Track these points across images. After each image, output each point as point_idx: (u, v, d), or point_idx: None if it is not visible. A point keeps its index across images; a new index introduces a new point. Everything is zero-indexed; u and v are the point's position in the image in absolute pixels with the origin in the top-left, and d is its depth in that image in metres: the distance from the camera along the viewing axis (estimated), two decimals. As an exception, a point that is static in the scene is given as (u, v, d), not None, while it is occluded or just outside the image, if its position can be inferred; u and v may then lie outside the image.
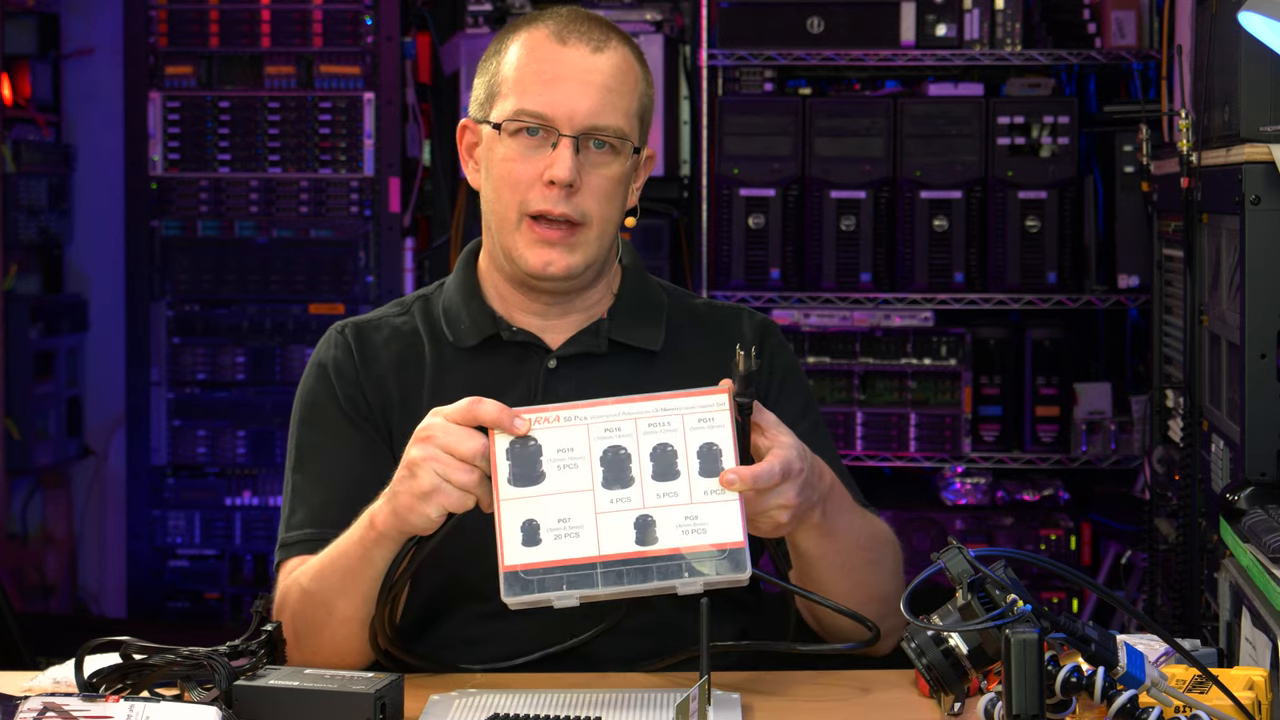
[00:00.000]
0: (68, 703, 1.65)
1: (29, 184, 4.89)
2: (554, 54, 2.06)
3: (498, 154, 2.08)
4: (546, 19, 2.10)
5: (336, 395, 2.12)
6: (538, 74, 2.06)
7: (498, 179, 2.08)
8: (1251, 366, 2.58)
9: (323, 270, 4.87)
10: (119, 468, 5.06)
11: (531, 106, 2.05)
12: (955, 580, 1.61)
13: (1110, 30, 4.58)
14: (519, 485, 1.80)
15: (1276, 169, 2.56)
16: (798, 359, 2.27)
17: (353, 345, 2.15)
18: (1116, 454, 4.56)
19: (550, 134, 2.05)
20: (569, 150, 2.04)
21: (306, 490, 2.10)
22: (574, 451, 1.82)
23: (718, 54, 4.66)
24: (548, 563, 1.76)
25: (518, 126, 2.05)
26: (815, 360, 4.63)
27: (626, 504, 1.79)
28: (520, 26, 2.11)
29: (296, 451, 2.14)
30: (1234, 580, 2.42)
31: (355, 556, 1.92)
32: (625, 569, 1.76)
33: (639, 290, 2.18)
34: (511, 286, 2.13)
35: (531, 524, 1.78)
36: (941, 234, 4.57)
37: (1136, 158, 4.07)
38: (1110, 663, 1.58)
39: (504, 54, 2.10)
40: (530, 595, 1.75)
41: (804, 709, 1.88)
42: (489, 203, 2.11)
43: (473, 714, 1.79)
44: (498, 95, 2.09)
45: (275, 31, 4.87)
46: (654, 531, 1.77)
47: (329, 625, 1.95)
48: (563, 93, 2.04)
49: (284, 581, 2.05)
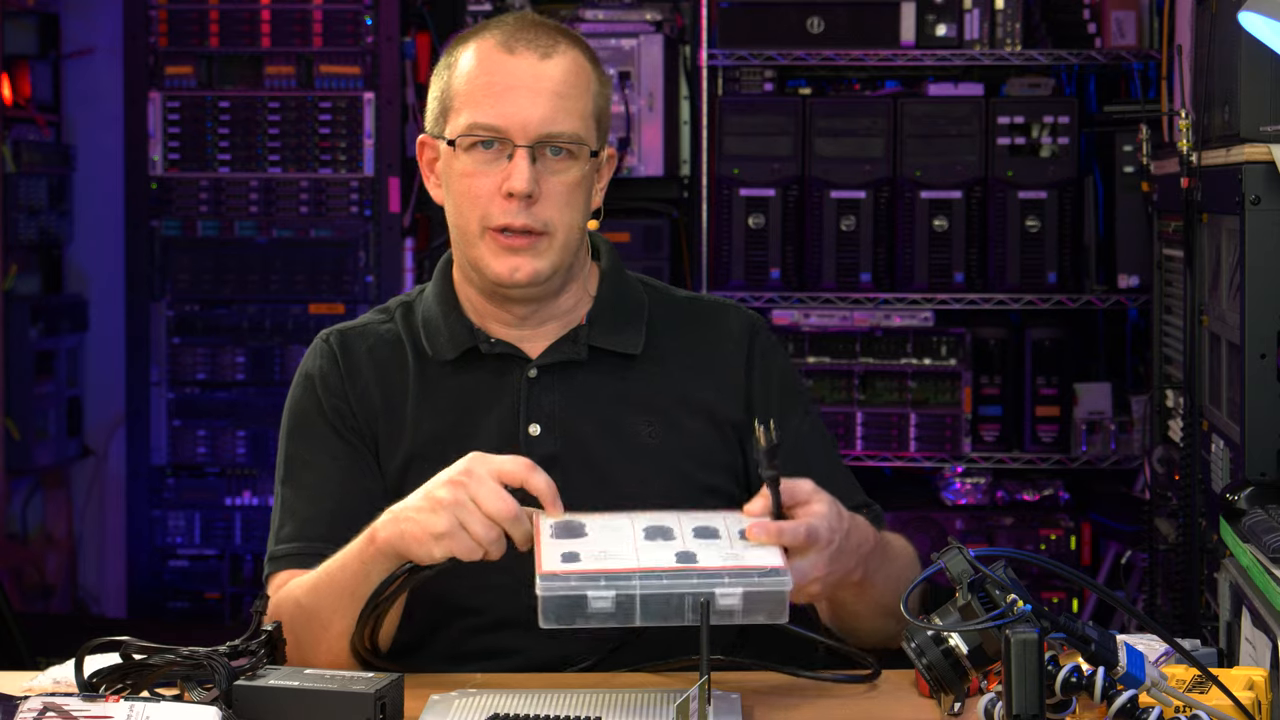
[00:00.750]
0: (68, 703, 1.64)
1: (29, 184, 4.89)
2: (502, 64, 2.05)
3: (455, 169, 2.07)
4: (494, 28, 2.09)
5: (323, 407, 2.13)
6: (488, 86, 2.05)
7: (458, 194, 2.08)
8: (1251, 366, 2.58)
9: (323, 270, 4.87)
10: (119, 468, 5.06)
11: (484, 119, 2.04)
12: (955, 580, 1.61)
13: (1110, 30, 4.58)
14: (560, 538, 1.80)
15: (1276, 169, 2.56)
16: (789, 356, 2.26)
17: (338, 354, 2.15)
18: (1116, 454, 4.56)
19: (505, 145, 2.04)
20: (525, 161, 2.03)
21: (294, 503, 2.11)
22: (616, 522, 1.83)
23: (718, 54, 4.66)
24: (585, 570, 1.75)
25: (472, 141, 2.05)
26: (815, 360, 4.63)
27: (668, 543, 1.79)
28: (468, 38, 2.11)
29: (285, 464, 2.15)
30: (1234, 580, 2.42)
31: (353, 572, 1.92)
32: (664, 576, 1.74)
33: (618, 292, 2.17)
34: (484, 298, 2.13)
35: (571, 554, 1.78)
36: (941, 234, 4.57)
37: (1136, 158, 4.07)
38: (1110, 663, 1.58)
39: (454, 67, 2.09)
40: (566, 591, 1.72)
41: (804, 709, 1.88)
42: (452, 218, 2.11)
43: (473, 714, 1.79)
44: (450, 110, 2.08)
45: (275, 31, 4.87)
46: (695, 557, 1.77)
47: (325, 640, 1.95)
48: (513, 103, 2.04)
49: (275, 595, 2.04)
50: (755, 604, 1.75)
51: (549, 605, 1.73)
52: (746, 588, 1.73)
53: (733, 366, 2.17)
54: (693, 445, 2.13)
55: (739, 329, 2.20)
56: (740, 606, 1.74)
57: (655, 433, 2.12)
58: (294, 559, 2.07)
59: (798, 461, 2.09)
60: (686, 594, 1.72)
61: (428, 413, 2.11)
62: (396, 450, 2.11)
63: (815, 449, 2.19)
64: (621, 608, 1.73)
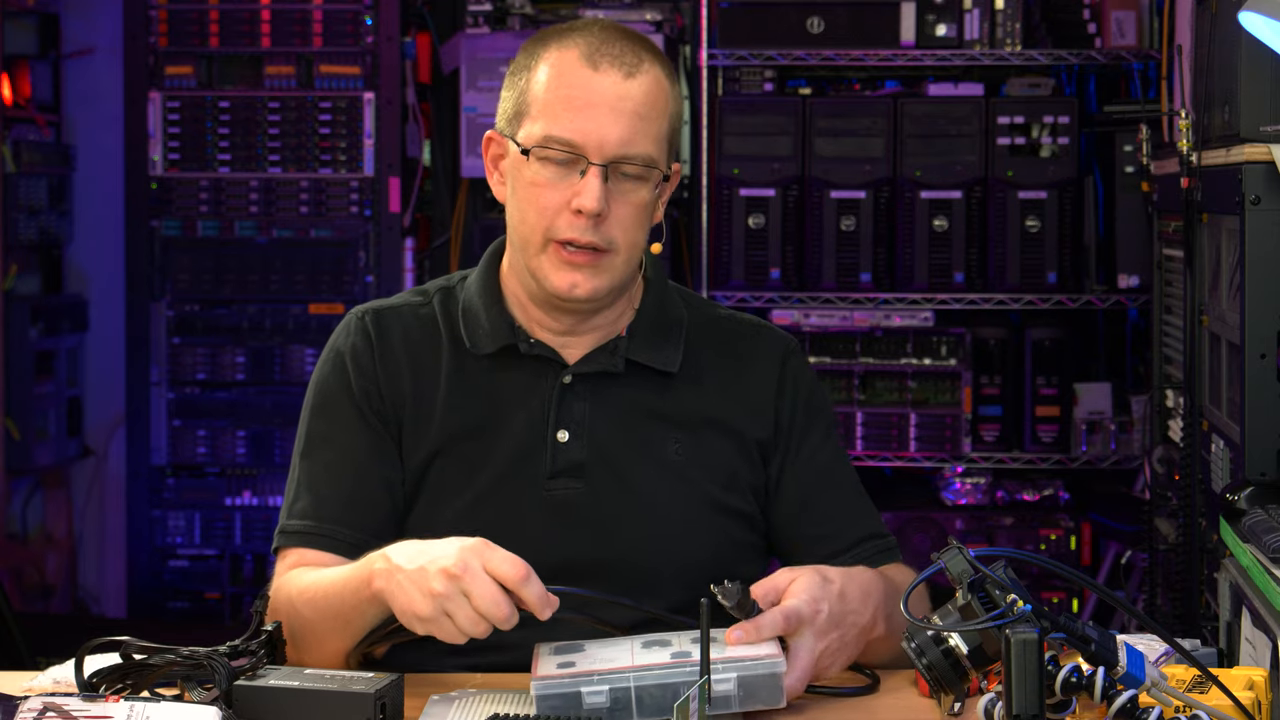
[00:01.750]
0: (68, 703, 1.64)
1: (29, 184, 4.89)
2: (585, 79, 2.02)
3: (525, 176, 2.04)
4: (578, 37, 2.06)
5: (351, 386, 2.11)
6: (568, 100, 2.02)
7: (524, 201, 2.05)
8: (1251, 366, 2.58)
9: (323, 270, 4.87)
10: (119, 468, 5.06)
11: (561, 134, 2.02)
12: (955, 580, 1.61)
13: (1110, 30, 4.58)
14: (558, 655, 1.81)
15: (1276, 169, 2.56)
16: (818, 378, 2.26)
17: (372, 333, 2.13)
18: (1116, 454, 4.56)
19: (579, 162, 2.01)
20: (598, 180, 2.01)
21: (311, 478, 2.09)
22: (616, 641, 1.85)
23: (718, 54, 4.66)
24: (580, 671, 1.76)
25: (546, 153, 2.02)
26: (815, 360, 4.63)
27: (665, 648, 1.80)
28: (551, 42, 2.07)
29: (306, 439, 2.12)
30: (1234, 580, 2.42)
31: (349, 604, 1.91)
32: (658, 669, 1.75)
33: (660, 306, 2.16)
34: (533, 302, 2.11)
35: (568, 662, 1.79)
36: (941, 234, 4.57)
37: (1136, 158, 4.07)
38: (1110, 663, 1.58)
39: (534, 71, 2.06)
40: (560, 689, 1.73)
41: (804, 709, 1.88)
42: (515, 222, 2.08)
43: (473, 714, 1.79)
44: (526, 115, 2.05)
45: (275, 31, 4.87)
46: (690, 655, 1.77)
47: (321, 652, 1.96)
48: (593, 120, 2.01)
49: (280, 575, 2.04)
50: (751, 689, 1.75)
51: (543, 703, 1.74)
52: (741, 673, 1.74)
53: (764, 388, 2.17)
54: (718, 466, 2.13)
55: (773, 351, 2.20)
56: (736, 692, 1.75)
57: (682, 450, 2.12)
58: (306, 537, 2.05)
59: (819, 485, 2.14)
60: (681, 684, 1.72)
61: (457, 405, 2.10)
62: (421, 441, 2.09)
63: (838, 475, 2.20)
64: (618, 703, 1.73)
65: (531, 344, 2.10)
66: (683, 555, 2.07)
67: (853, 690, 1.92)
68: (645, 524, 2.07)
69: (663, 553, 2.07)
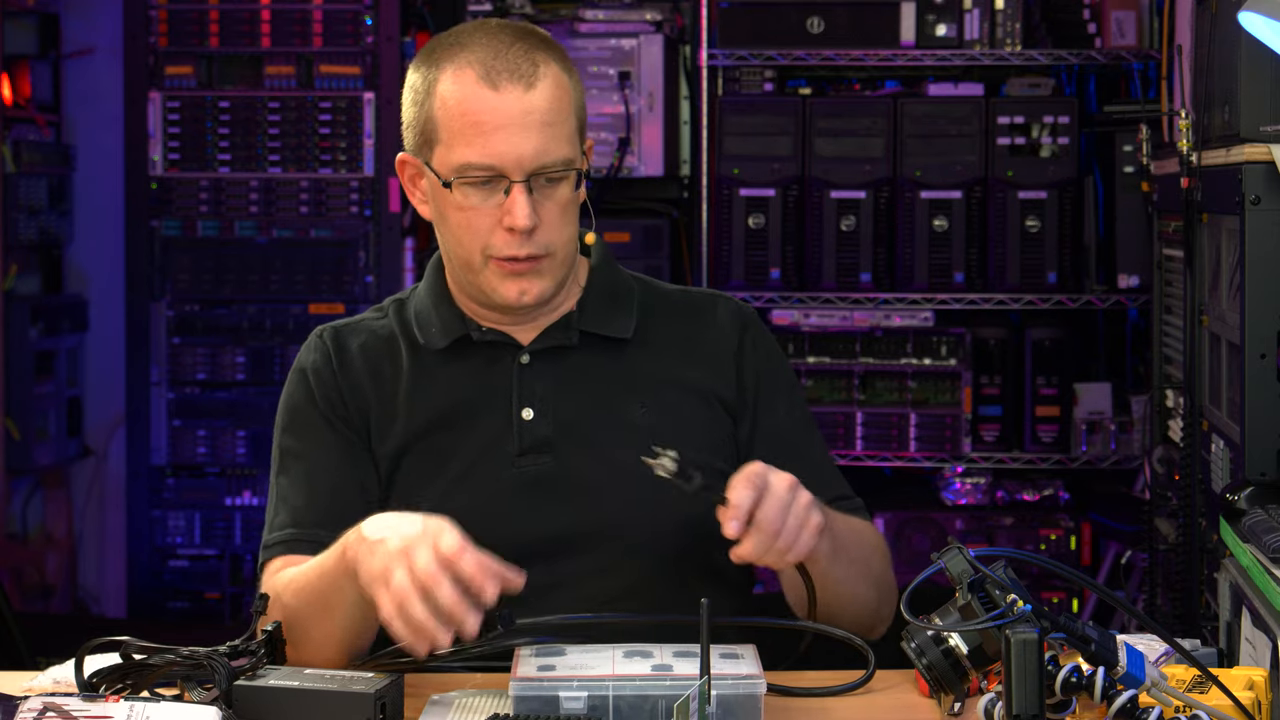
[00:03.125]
0: (68, 703, 1.64)
1: (29, 184, 4.89)
2: (488, 102, 2.03)
3: (450, 201, 2.07)
4: (470, 55, 2.05)
5: (315, 399, 2.14)
6: (477, 125, 2.03)
7: (456, 226, 2.08)
8: (1251, 366, 2.58)
9: (323, 270, 4.87)
10: (119, 468, 5.06)
11: (477, 159, 2.03)
12: (955, 580, 1.61)
13: (1110, 30, 4.58)
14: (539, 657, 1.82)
15: (1276, 169, 2.56)
16: (779, 346, 2.28)
17: (330, 349, 2.17)
18: (1116, 454, 4.56)
19: (501, 181, 2.03)
20: (523, 195, 2.03)
21: (288, 492, 2.12)
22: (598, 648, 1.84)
23: (718, 54, 4.66)
24: (559, 676, 1.76)
25: (466, 179, 2.04)
26: (815, 360, 4.63)
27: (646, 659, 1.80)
28: (444, 62, 2.07)
29: (280, 457, 2.15)
30: (1234, 580, 2.42)
31: (329, 583, 1.92)
32: (638, 680, 1.75)
33: (608, 280, 2.19)
34: (482, 306, 2.14)
35: (548, 665, 1.79)
36: (941, 234, 4.57)
37: (1136, 158, 4.07)
38: (1110, 663, 1.58)
39: (433, 94, 2.07)
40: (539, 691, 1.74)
41: (804, 708, 1.88)
42: (449, 244, 2.11)
43: (473, 714, 1.79)
44: (435, 140, 2.08)
45: (275, 31, 4.87)
46: (671, 669, 1.78)
47: (310, 642, 1.96)
48: (506, 142, 2.02)
49: (267, 584, 2.05)
50: (730, 709, 1.75)
51: (521, 705, 1.74)
52: (720, 692, 1.74)
53: (723, 349, 2.19)
54: (684, 424, 2.13)
55: (729, 316, 2.22)
56: (715, 711, 1.75)
57: (648, 413, 2.13)
58: (289, 545, 2.07)
59: (787, 450, 2.13)
60: (660, 697, 1.73)
61: (421, 401, 2.13)
62: (389, 439, 2.12)
63: (804, 438, 2.22)
64: (595, 710, 1.74)
65: (484, 331, 2.14)
66: (660, 518, 2.08)
67: (849, 686, 1.93)
68: (619, 490, 2.08)
69: (639, 517, 2.08)
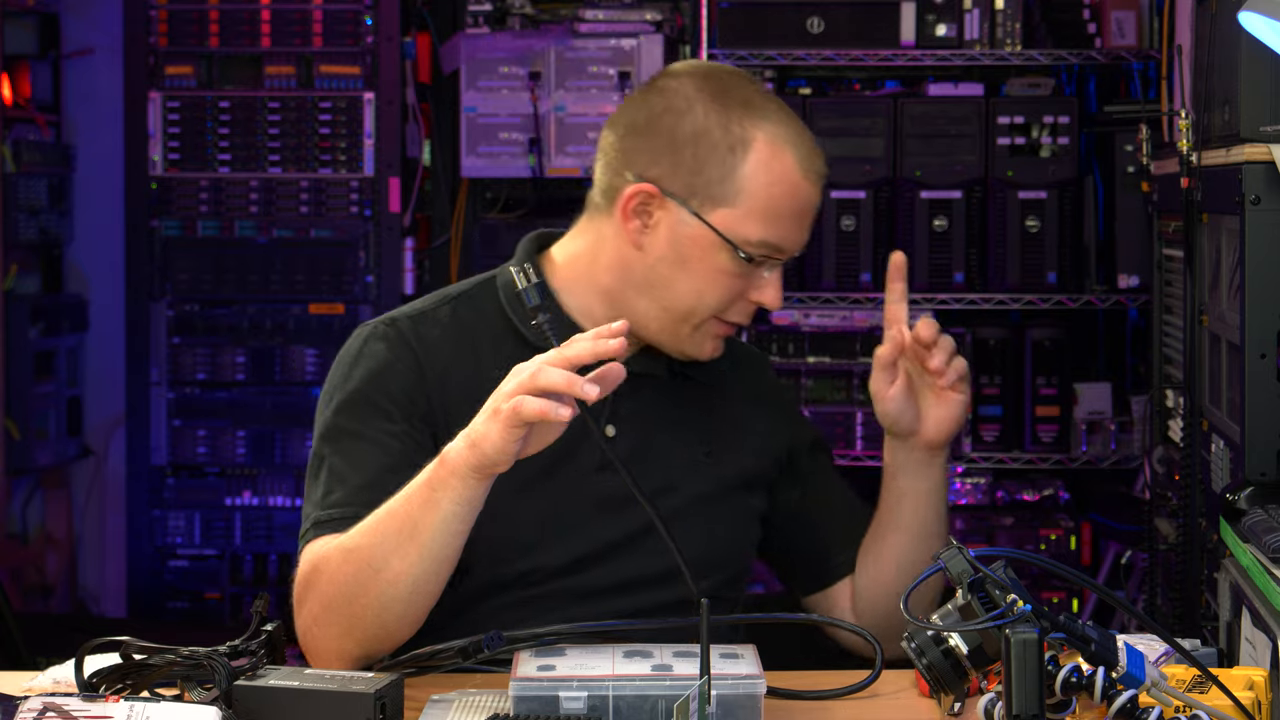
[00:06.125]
0: (68, 703, 1.64)
1: (29, 184, 4.89)
2: (804, 196, 2.11)
3: (714, 261, 2.08)
4: (779, 127, 2.10)
5: (387, 388, 2.09)
6: (794, 215, 2.11)
7: (704, 282, 2.09)
8: (1251, 366, 2.58)
9: (323, 270, 4.87)
10: (119, 468, 5.06)
11: (778, 242, 2.09)
12: (955, 580, 1.61)
13: (1110, 30, 4.58)
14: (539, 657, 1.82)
15: (1276, 169, 2.56)
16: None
17: (409, 339, 2.12)
18: (1116, 454, 4.56)
19: (775, 262, 2.11)
20: (780, 277, 2.12)
21: (345, 471, 2.06)
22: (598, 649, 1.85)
23: (718, 54, 4.66)
24: (559, 676, 1.76)
25: (757, 254, 2.08)
26: (815, 360, 4.63)
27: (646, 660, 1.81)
28: (747, 121, 2.09)
29: (335, 436, 2.09)
30: (1234, 580, 2.42)
31: (417, 503, 1.90)
32: (638, 680, 1.75)
33: None
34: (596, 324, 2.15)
35: (548, 665, 1.79)
36: (941, 234, 4.57)
37: (1136, 158, 4.06)
38: (1110, 663, 1.58)
39: (744, 158, 2.08)
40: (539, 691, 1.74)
41: (804, 709, 1.88)
42: (681, 292, 2.11)
43: (473, 714, 1.79)
44: (729, 201, 2.07)
45: (275, 31, 4.87)
46: (671, 669, 1.78)
47: (375, 585, 1.92)
48: (802, 233, 2.13)
49: (314, 554, 2.00)
50: (731, 709, 1.75)
51: (520, 705, 1.74)
52: (721, 691, 1.74)
53: (774, 407, 2.32)
54: (740, 473, 2.22)
55: (771, 373, 2.39)
56: (715, 711, 1.75)
57: (713, 455, 2.20)
58: (343, 523, 2.00)
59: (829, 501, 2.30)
60: (660, 697, 1.73)
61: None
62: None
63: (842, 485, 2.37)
64: (595, 710, 1.74)
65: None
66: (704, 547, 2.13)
67: (856, 686, 1.93)
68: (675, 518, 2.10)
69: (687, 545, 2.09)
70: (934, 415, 2.19)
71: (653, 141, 2.09)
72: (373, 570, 1.92)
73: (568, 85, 4.77)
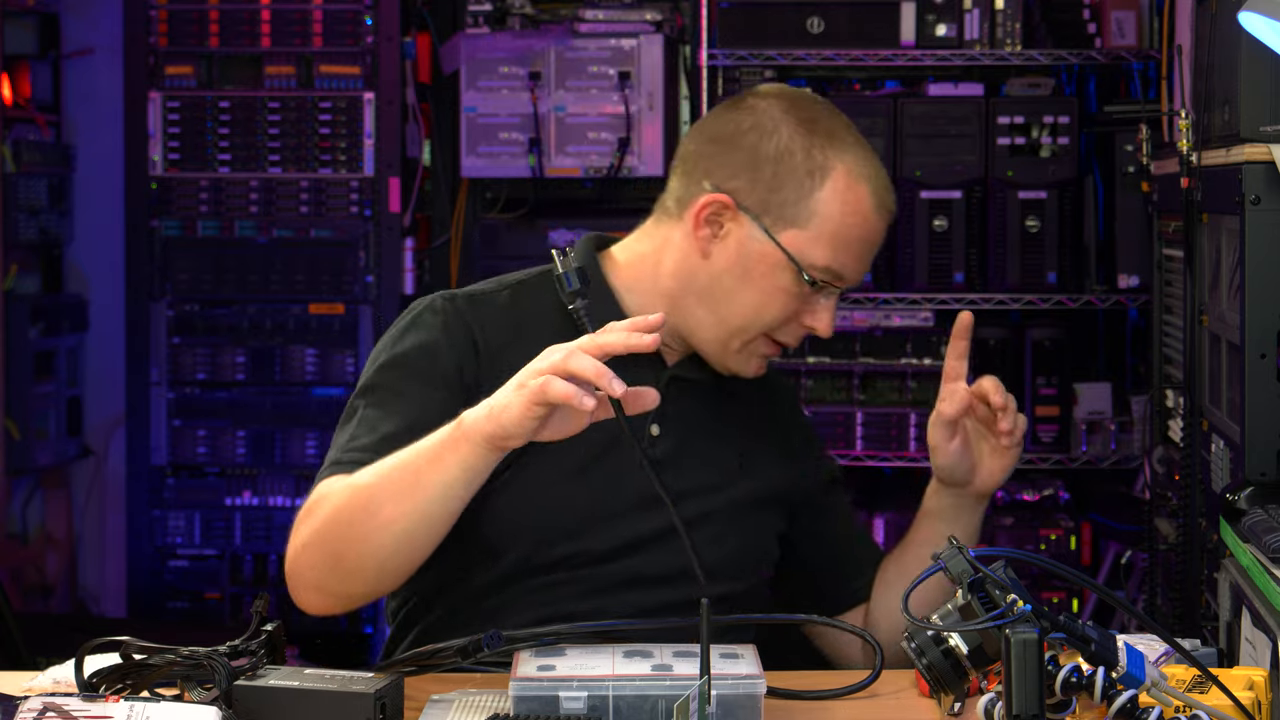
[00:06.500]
0: (68, 703, 1.64)
1: (29, 184, 4.89)
2: (873, 229, 2.12)
3: (777, 280, 2.11)
4: (860, 164, 2.12)
5: (440, 360, 2.10)
6: (858, 241, 2.11)
7: (765, 299, 2.12)
8: (1251, 366, 2.58)
9: (323, 270, 4.87)
10: (119, 468, 5.06)
11: (843, 271, 2.11)
12: (955, 580, 1.61)
13: (1110, 30, 4.58)
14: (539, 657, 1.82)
15: (1276, 169, 2.56)
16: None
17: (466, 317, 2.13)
18: (1116, 454, 4.56)
19: (833, 290, 2.13)
20: (835, 307, 2.14)
21: (376, 420, 2.07)
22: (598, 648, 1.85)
23: (718, 54, 4.66)
24: (559, 676, 1.76)
25: (820, 279, 2.10)
26: (815, 360, 4.63)
27: (646, 660, 1.81)
28: (828, 149, 2.11)
29: (375, 390, 2.10)
30: (1234, 580, 2.42)
31: (426, 459, 1.91)
32: (638, 680, 1.75)
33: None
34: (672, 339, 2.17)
35: (548, 665, 1.80)
36: (941, 234, 4.57)
37: (1136, 158, 4.07)
38: (1110, 663, 1.58)
39: (821, 184, 2.10)
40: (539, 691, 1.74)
41: (804, 709, 1.88)
42: (739, 306, 2.13)
43: (473, 714, 1.79)
44: (801, 223, 2.09)
45: (275, 31, 4.87)
46: (671, 669, 1.78)
47: (365, 526, 1.93)
48: (863, 263, 2.14)
49: (323, 487, 2.00)
50: (730, 709, 1.75)
51: (520, 705, 1.74)
52: (721, 691, 1.74)
53: (802, 434, 2.36)
54: (768, 487, 2.25)
55: (799, 403, 2.45)
56: (715, 711, 1.75)
57: (744, 467, 2.22)
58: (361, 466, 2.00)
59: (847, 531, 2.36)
60: (660, 697, 1.73)
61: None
62: None
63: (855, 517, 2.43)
64: (595, 710, 1.74)
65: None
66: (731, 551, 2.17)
67: (853, 688, 1.93)
68: (704, 520, 2.14)
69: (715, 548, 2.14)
70: (989, 466, 2.21)
71: (734, 155, 2.12)
72: (367, 512, 1.93)
73: (568, 85, 4.77)
